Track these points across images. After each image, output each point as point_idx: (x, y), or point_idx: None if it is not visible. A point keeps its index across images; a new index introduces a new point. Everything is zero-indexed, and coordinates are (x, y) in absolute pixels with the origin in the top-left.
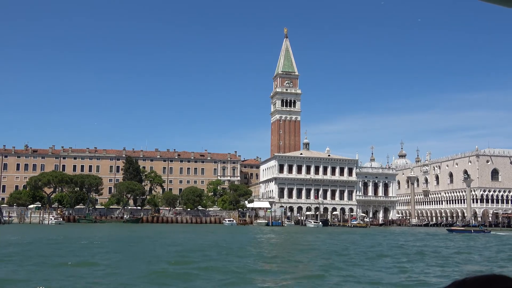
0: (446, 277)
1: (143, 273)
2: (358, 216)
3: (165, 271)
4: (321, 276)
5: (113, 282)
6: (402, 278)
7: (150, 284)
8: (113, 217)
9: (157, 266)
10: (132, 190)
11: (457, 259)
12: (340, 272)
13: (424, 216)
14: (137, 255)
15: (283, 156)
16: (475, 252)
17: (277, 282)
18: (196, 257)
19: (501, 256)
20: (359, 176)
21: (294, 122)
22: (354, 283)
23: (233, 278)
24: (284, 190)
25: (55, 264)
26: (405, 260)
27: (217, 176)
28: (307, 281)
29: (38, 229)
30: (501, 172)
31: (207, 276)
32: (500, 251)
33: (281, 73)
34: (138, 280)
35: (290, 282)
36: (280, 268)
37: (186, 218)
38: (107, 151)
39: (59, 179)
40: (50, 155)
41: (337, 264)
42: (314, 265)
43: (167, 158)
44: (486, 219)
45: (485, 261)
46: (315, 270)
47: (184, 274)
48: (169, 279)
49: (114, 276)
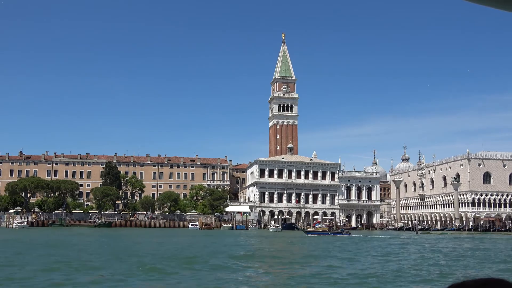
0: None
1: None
2: (340, 220)
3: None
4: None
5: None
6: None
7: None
8: (86, 222)
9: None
10: (108, 195)
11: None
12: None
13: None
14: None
15: (265, 160)
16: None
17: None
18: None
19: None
20: (342, 180)
21: (291, 127)
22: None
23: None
24: (265, 194)
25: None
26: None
27: (207, 181)
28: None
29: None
30: (494, 176)
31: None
32: (318, 249)
33: (278, 78)
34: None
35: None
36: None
37: (159, 222)
38: (98, 157)
39: (35, 184)
40: (42, 161)
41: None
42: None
43: (157, 163)
44: (478, 222)
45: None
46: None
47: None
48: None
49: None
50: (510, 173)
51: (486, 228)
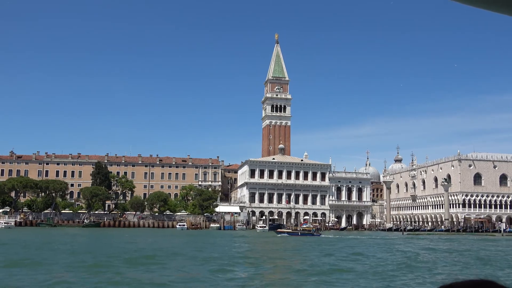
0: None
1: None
2: (331, 220)
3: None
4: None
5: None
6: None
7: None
8: (75, 222)
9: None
10: (97, 195)
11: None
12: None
13: (411, 221)
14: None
15: (255, 161)
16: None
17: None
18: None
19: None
20: (332, 181)
21: (284, 127)
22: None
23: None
24: (255, 195)
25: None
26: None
27: (198, 181)
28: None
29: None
30: (484, 177)
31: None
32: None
33: (271, 79)
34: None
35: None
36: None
37: (148, 222)
38: (89, 157)
39: (24, 184)
40: (33, 161)
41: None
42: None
43: (149, 163)
44: (469, 223)
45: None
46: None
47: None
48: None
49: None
50: (500, 174)
51: (475, 229)
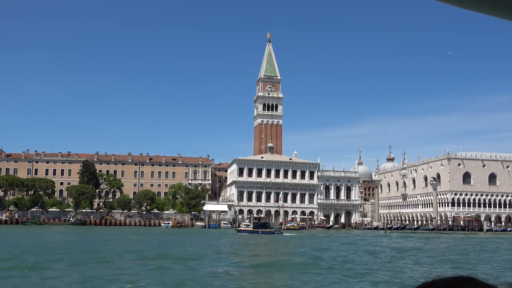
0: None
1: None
2: (318, 219)
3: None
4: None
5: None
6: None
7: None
8: (61, 220)
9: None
10: (83, 193)
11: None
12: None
13: (401, 220)
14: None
15: (244, 159)
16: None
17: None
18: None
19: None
20: (320, 179)
21: (275, 126)
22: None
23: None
24: (243, 193)
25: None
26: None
27: (188, 180)
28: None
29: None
30: (473, 176)
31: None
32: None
33: (263, 77)
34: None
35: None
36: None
37: (135, 220)
38: (79, 155)
39: (10, 182)
40: (23, 159)
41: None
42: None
43: (139, 162)
44: (458, 222)
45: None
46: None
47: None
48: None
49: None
50: (489, 174)
51: (461, 228)
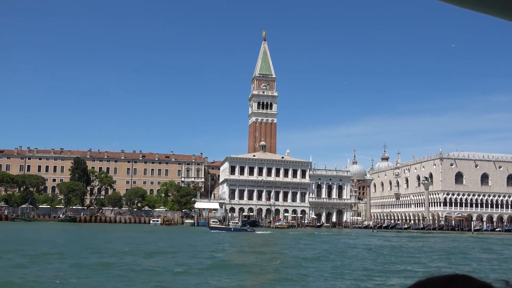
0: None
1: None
2: (309, 217)
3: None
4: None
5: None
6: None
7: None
8: (51, 216)
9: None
10: (73, 190)
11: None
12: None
13: (394, 219)
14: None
15: (236, 158)
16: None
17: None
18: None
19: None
20: (312, 178)
21: (270, 125)
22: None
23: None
24: (235, 191)
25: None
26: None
27: (181, 178)
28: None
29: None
30: (466, 176)
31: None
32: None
33: (258, 76)
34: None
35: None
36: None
37: (125, 218)
38: (72, 152)
39: (0, 178)
40: (15, 156)
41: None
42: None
43: (132, 159)
44: (450, 222)
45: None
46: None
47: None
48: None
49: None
50: (482, 174)
51: (451, 228)
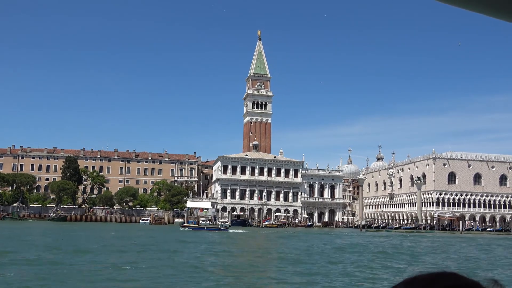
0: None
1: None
2: (301, 217)
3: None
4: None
5: None
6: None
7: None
8: (41, 215)
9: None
10: (64, 189)
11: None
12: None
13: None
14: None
15: (228, 157)
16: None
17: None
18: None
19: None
20: (305, 178)
21: (265, 124)
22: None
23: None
24: (227, 191)
25: None
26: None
27: (174, 177)
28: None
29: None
30: (458, 176)
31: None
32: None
33: (253, 75)
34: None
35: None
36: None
37: (116, 217)
38: (65, 151)
39: None
40: (8, 155)
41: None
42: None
43: (125, 158)
44: (443, 222)
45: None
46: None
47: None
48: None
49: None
50: (474, 174)
51: (443, 227)
